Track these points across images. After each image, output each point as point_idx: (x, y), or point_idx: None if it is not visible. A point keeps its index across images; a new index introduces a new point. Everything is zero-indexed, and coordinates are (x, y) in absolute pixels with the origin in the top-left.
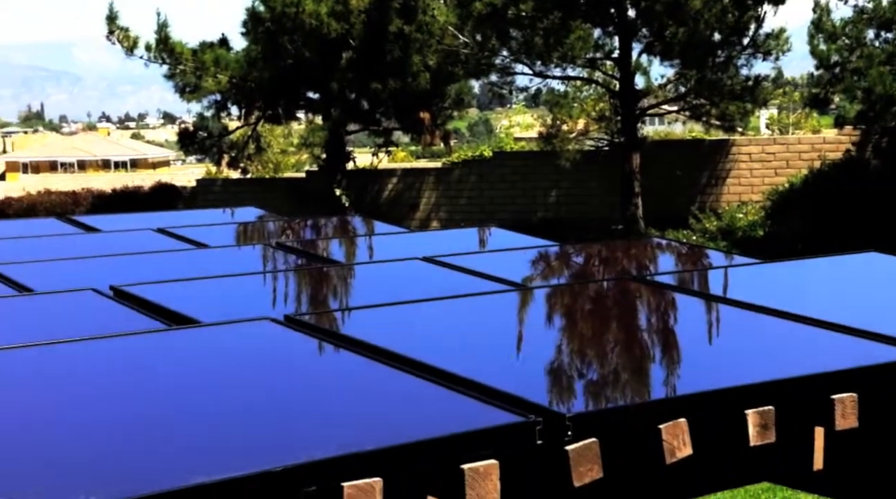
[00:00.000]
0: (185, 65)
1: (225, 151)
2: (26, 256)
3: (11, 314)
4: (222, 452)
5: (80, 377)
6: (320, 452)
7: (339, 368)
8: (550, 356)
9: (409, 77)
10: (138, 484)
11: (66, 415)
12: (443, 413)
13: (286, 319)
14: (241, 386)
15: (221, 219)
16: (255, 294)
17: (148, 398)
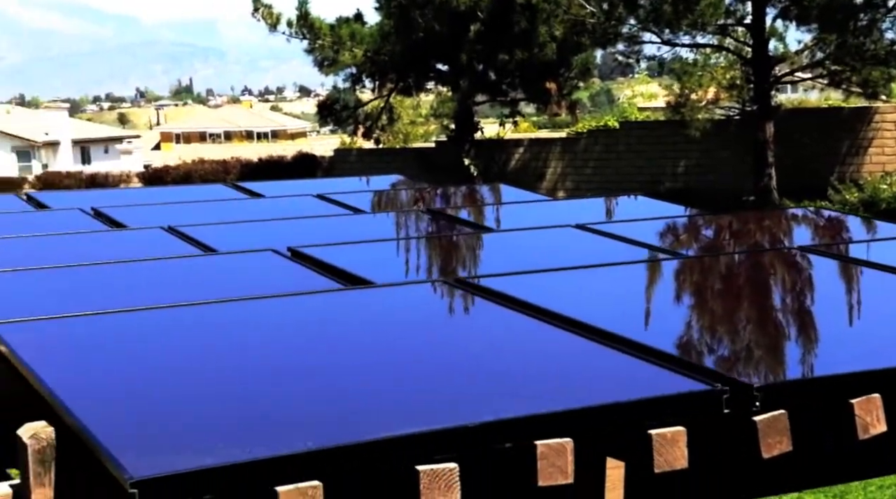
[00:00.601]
0: (323, 40)
1: (360, 123)
2: (205, 218)
3: (200, 272)
4: (416, 406)
5: (275, 332)
6: (514, 410)
7: (516, 330)
8: (727, 326)
9: (535, 48)
10: (344, 433)
11: (264, 367)
12: (629, 379)
13: (456, 282)
14: (424, 344)
15: (372, 186)
16: (419, 257)
17: (337, 355)
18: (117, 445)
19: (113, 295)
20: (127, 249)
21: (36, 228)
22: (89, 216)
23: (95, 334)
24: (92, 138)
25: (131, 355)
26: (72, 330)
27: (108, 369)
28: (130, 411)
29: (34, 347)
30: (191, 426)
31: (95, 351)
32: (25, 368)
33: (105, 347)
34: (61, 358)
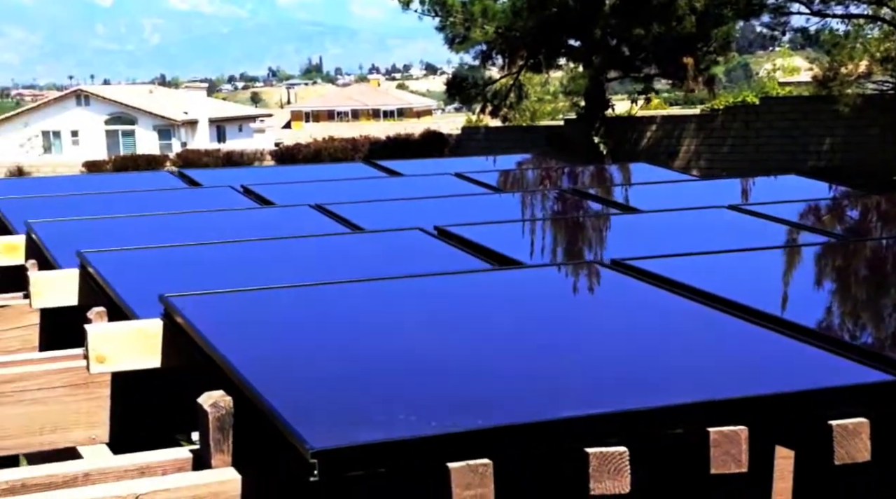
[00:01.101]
0: (455, 17)
1: (488, 100)
2: (349, 196)
3: (351, 250)
4: (584, 389)
5: (434, 311)
6: (686, 396)
7: (680, 313)
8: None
9: (673, 21)
10: (512, 413)
11: (427, 345)
12: (807, 367)
13: (612, 263)
14: (585, 326)
15: (511, 165)
16: (567, 238)
17: (497, 335)
18: (295, 415)
19: (272, 271)
20: (279, 225)
21: (193, 205)
22: (239, 193)
23: (265, 309)
24: (227, 117)
25: (300, 329)
26: (242, 304)
27: (279, 342)
28: (304, 383)
29: (209, 320)
30: (363, 400)
31: (266, 324)
32: (203, 340)
33: (275, 321)
34: (235, 330)
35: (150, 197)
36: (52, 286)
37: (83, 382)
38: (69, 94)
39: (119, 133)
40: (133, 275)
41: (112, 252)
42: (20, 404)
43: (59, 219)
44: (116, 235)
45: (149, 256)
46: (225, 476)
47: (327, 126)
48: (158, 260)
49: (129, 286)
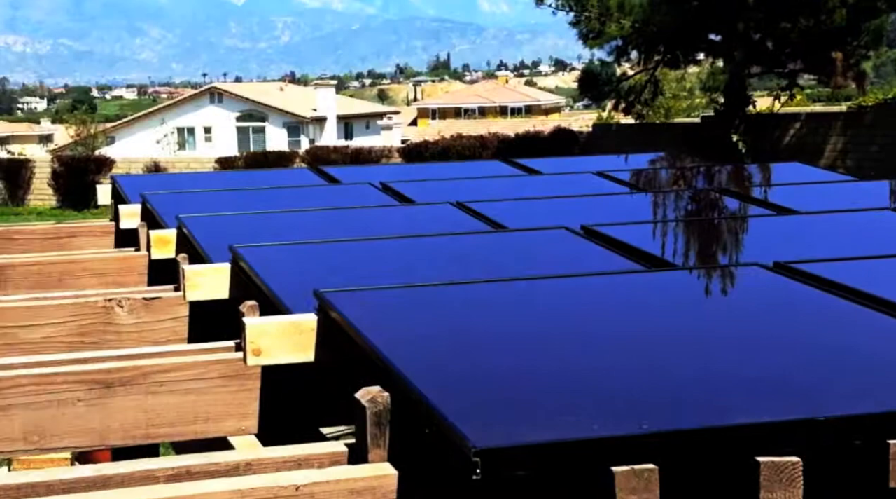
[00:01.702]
0: (590, 11)
1: (622, 97)
2: (489, 194)
3: (497, 248)
4: (753, 395)
5: (589, 311)
6: (866, 406)
7: (851, 320)
8: None
9: (822, 14)
10: (680, 419)
11: (586, 346)
12: None
13: (775, 266)
14: (750, 331)
15: (653, 163)
16: (720, 239)
17: (658, 339)
18: (457, 413)
19: (419, 268)
20: (422, 223)
21: (335, 201)
22: (378, 190)
23: (419, 306)
24: (355, 114)
25: (455, 327)
26: (396, 300)
27: (435, 340)
28: (463, 380)
29: (365, 316)
30: (523, 400)
31: (421, 322)
32: (359, 335)
33: (429, 318)
34: (391, 326)
35: (293, 193)
36: (205, 280)
37: (235, 373)
38: (203, 92)
39: (250, 130)
40: (283, 270)
41: (263, 247)
42: (175, 394)
43: (209, 214)
44: (263, 230)
45: (297, 251)
46: (382, 471)
47: (453, 123)
48: (307, 255)
49: (280, 281)
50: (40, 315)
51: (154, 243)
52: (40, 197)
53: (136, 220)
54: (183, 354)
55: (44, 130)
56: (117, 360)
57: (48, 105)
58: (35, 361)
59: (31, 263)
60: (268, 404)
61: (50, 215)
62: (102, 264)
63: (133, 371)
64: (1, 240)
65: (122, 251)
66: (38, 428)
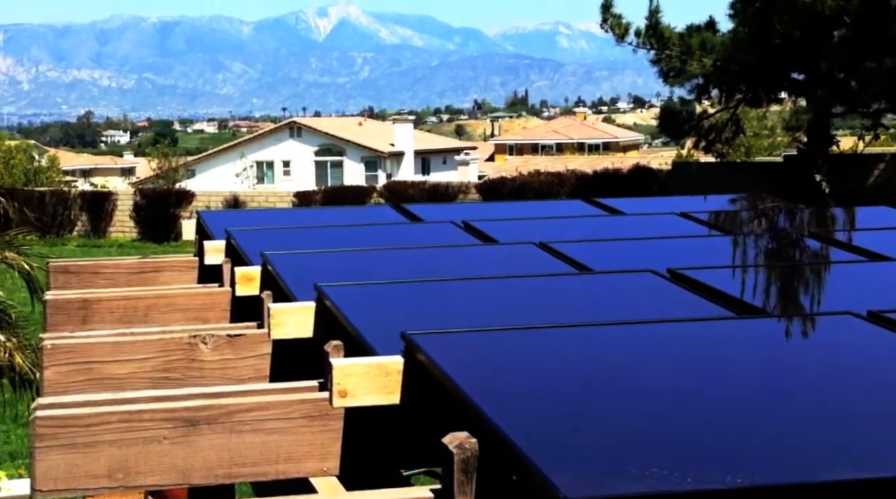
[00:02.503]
0: (671, 49)
1: (702, 135)
2: (571, 235)
3: (583, 291)
4: (846, 449)
5: (678, 359)
6: None
7: None
8: None
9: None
10: (773, 473)
11: (674, 395)
12: None
13: (869, 315)
14: (842, 384)
15: (739, 205)
16: (812, 287)
17: (747, 389)
18: (545, 461)
19: (504, 310)
20: (506, 263)
21: (418, 240)
22: (461, 229)
23: (506, 350)
24: (432, 149)
25: (542, 373)
26: (484, 344)
27: (523, 385)
28: (552, 427)
29: (452, 359)
30: (612, 449)
31: (509, 366)
32: (447, 378)
33: (517, 362)
34: (478, 370)
35: (375, 231)
36: (290, 318)
37: (319, 413)
38: (283, 126)
39: (328, 164)
40: (368, 309)
41: (348, 286)
42: (259, 433)
43: (293, 252)
44: (347, 268)
45: (382, 291)
46: None
47: (530, 159)
48: (392, 295)
49: (366, 321)
50: (126, 350)
51: (239, 280)
52: (121, 229)
53: (220, 256)
54: (267, 393)
55: (126, 163)
56: (203, 398)
57: (131, 138)
58: (121, 398)
59: (118, 297)
60: (350, 446)
61: (131, 247)
62: (187, 300)
63: (218, 410)
64: (88, 274)
65: (206, 287)
66: (124, 465)
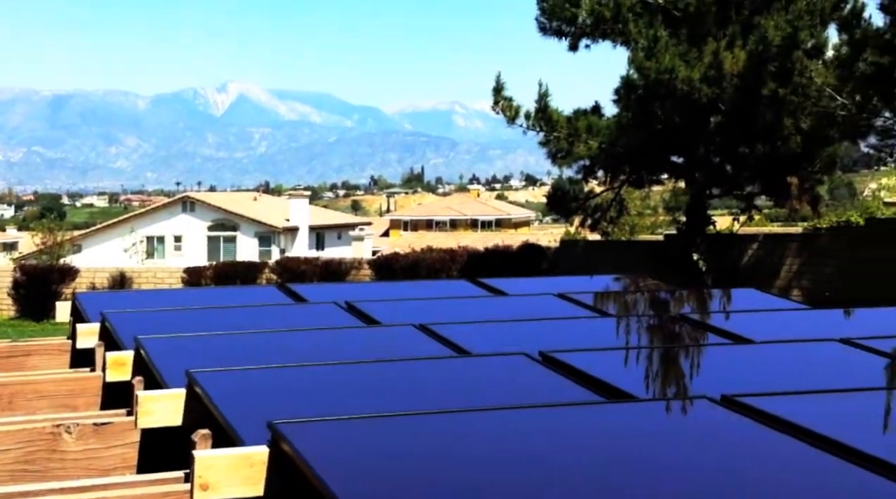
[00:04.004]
0: (559, 132)
1: (588, 214)
2: (452, 316)
3: (455, 375)
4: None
5: (539, 444)
6: None
7: (791, 458)
8: None
9: (778, 141)
10: None
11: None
12: None
13: (723, 400)
14: (691, 471)
15: (615, 286)
16: (675, 369)
17: (602, 473)
18: None
19: (378, 395)
20: (385, 346)
21: (299, 322)
22: (343, 310)
23: (374, 439)
24: (327, 225)
25: (409, 461)
26: (352, 432)
27: (387, 474)
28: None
29: (317, 449)
30: None
31: (375, 456)
32: (309, 470)
33: (384, 452)
34: (344, 461)
35: (257, 312)
36: (159, 405)
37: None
38: (176, 201)
39: (221, 239)
40: (240, 397)
41: (220, 372)
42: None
43: (168, 335)
44: (224, 352)
45: (256, 377)
46: None
47: (424, 235)
48: (265, 381)
49: (236, 409)
50: None
51: (110, 365)
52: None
53: (93, 339)
54: (130, 485)
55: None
56: (60, 493)
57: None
58: None
59: None
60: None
61: (7, 326)
62: (55, 386)
63: None
64: None
65: (76, 372)
66: None
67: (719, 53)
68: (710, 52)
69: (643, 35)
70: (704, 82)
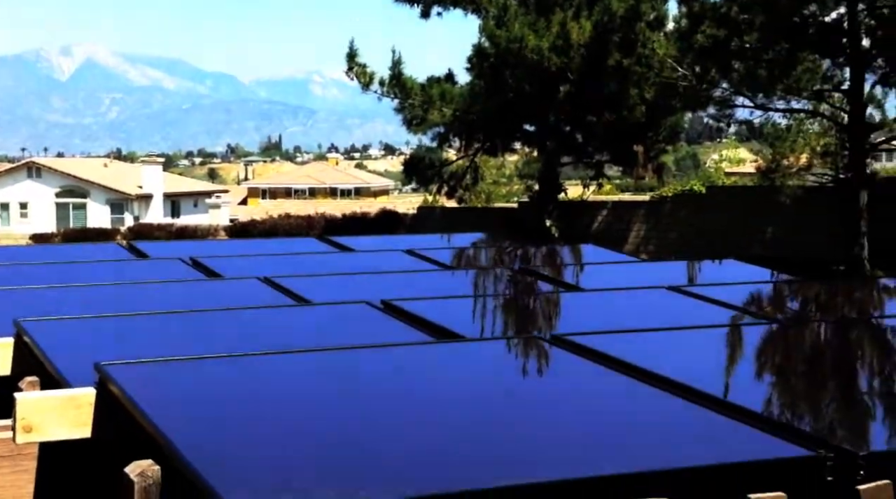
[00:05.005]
0: (413, 99)
1: (444, 181)
2: (298, 270)
3: (297, 323)
4: (509, 460)
5: (369, 382)
6: (611, 468)
7: (612, 388)
8: (829, 393)
9: (624, 110)
10: (437, 483)
11: (358, 415)
12: (729, 441)
13: (552, 339)
14: (518, 400)
15: (460, 243)
16: (510, 314)
17: (432, 407)
18: (224, 485)
19: (213, 342)
20: (225, 298)
21: (139, 276)
22: (187, 266)
23: (200, 378)
24: (182, 192)
25: (233, 399)
26: (178, 373)
27: (210, 411)
28: (236, 453)
29: (143, 388)
30: (295, 469)
31: (200, 394)
32: (134, 407)
33: (209, 390)
34: (169, 399)
35: (97, 268)
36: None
37: (10, 453)
38: (20, 167)
39: (70, 206)
40: (70, 344)
41: (49, 321)
42: None
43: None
44: (56, 305)
45: (87, 325)
46: None
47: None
48: (97, 330)
49: (64, 355)
50: None
51: None
52: None
53: None
54: None
55: None
56: None
57: None
58: None
59: None
60: (45, 484)
61: None
62: None
63: None
64: None
65: None
66: None
67: (566, 24)
68: (557, 22)
69: (493, 3)
70: (553, 52)
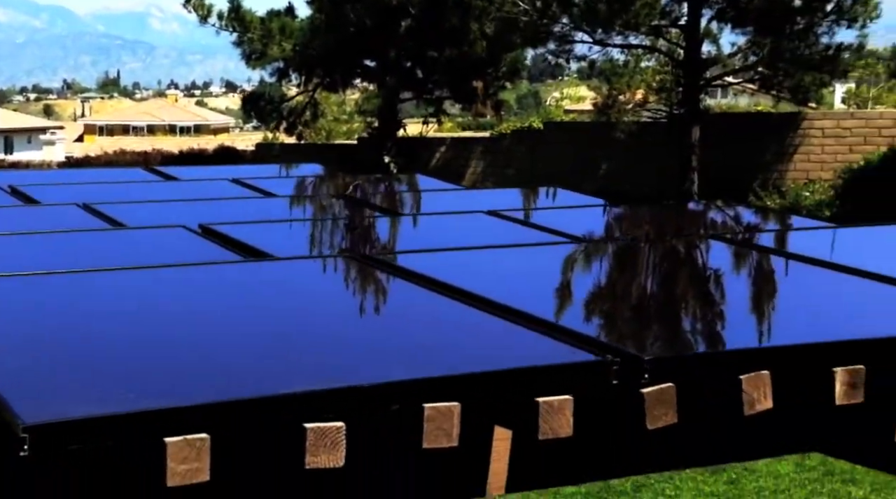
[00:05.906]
0: (252, 33)
1: (284, 117)
2: (120, 197)
3: (111, 245)
4: (308, 368)
5: (173, 297)
6: (403, 374)
7: (413, 301)
8: (622, 304)
9: (465, 45)
10: (235, 390)
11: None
12: (521, 348)
13: (362, 258)
14: (320, 312)
15: (288, 173)
16: (327, 236)
17: (232, 319)
18: (12, 391)
19: (19, 262)
20: (41, 223)
21: None
22: (5, 193)
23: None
24: (15, 128)
25: (35, 314)
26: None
27: (11, 326)
28: (30, 363)
29: None
30: (87, 379)
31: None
32: None
33: (9, 305)
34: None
35: None
36: None
37: None
38: None
39: None
40: None
41: None
42: None
43: None
44: None
45: None
46: None
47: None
48: None
49: None
50: None
51: None
52: None
53: None
54: None
55: None
56: None
57: None
58: None
59: None
60: None
61: None
62: None
63: None
64: None
65: None
66: None
67: None
68: None
69: None
70: None
